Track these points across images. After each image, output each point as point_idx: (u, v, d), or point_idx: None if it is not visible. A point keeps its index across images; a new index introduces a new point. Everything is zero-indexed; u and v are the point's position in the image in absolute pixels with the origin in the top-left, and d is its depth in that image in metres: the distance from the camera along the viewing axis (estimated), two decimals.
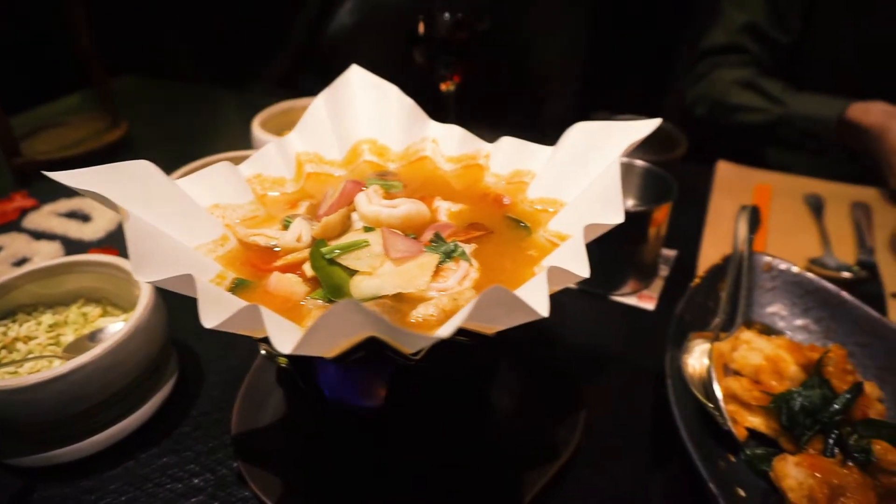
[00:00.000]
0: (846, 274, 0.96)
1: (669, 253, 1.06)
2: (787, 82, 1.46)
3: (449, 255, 0.58)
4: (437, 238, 0.60)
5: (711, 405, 0.67)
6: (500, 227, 0.65)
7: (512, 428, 0.71)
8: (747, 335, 0.76)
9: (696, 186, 1.28)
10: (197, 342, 0.87)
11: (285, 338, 0.42)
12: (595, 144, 0.63)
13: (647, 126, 0.61)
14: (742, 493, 0.63)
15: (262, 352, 0.76)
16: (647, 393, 0.78)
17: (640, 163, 0.98)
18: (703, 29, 1.61)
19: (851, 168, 1.34)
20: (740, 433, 0.68)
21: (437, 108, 0.78)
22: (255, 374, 0.77)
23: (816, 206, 1.18)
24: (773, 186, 1.26)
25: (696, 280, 0.81)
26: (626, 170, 0.99)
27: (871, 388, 0.71)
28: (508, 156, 0.72)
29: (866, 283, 0.96)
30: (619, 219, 0.55)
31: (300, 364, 0.63)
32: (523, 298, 0.42)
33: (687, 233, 1.12)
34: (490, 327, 0.49)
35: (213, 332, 0.45)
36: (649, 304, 0.94)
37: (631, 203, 0.98)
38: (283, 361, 0.67)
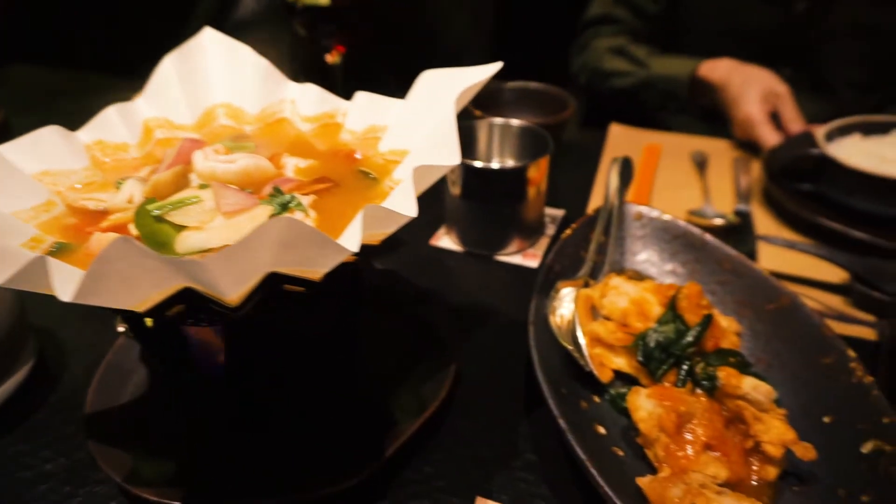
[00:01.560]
0: (718, 221, 0.99)
1: (557, 213, 1.07)
2: (653, 47, 1.51)
3: (284, 207, 0.56)
4: (276, 191, 0.58)
5: (572, 348, 0.68)
6: (348, 179, 0.64)
7: (380, 384, 0.70)
8: (616, 281, 0.77)
9: (591, 150, 1.30)
10: (61, 327, 0.83)
11: (68, 286, 0.39)
12: (439, 91, 0.62)
13: (487, 70, 0.61)
14: (602, 430, 0.64)
15: (119, 328, 0.73)
16: (523, 345, 0.78)
17: (516, 122, 0.98)
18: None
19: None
20: (606, 375, 0.69)
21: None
22: (117, 352, 0.74)
23: (701, 163, 1.22)
24: (662, 146, 1.29)
25: (568, 231, 0.82)
26: (504, 130, 0.99)
27: (728, 323, 0.73)
28: (364, 112, 0.71)
29: (739, 228, 0.99)
30: (455, 160, 0.54)
31: (143, 332, 0.60)
32: (327, 237, 0.41)
33: (578, 194, 1.14)
34: (310, 271, 0.48)
35: (80, 317, 0.42)
36: (533, 262, 0.95)
37: (511, 163, 0.98)
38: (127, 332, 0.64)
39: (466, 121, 1.00)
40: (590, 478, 0.53)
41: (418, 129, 0.63)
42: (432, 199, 1.07)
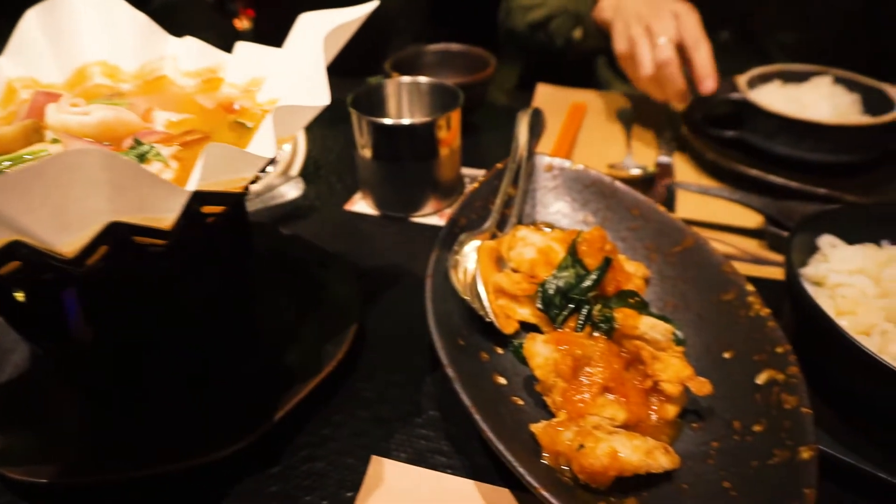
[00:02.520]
0: (635, 171, 0.97)
1: (478, 172, 1.05)
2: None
3: (142, 158, 0.52)
4: (136, 143, 0.54)
5: (470, 299, 0.66)
6: (222, 131, 0.60)
7: (275, 346, 0.67)
8: (523, 232, 0.75)
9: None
10: None
11: None
12: (313, 34, 0.59)
13: (360, 10, 0.58)
14: (502, 380, 0.62)
15: None
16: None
17: (425, 80, 0.95)
18: None
19: None
20: (510, 326, 0.67)
21: None
22: None
23: (627, 118, 1.20)
24: (588, 104, 1.27)
25: (475, 185, 0.79)
26: (413, 88, 0.96)
27: (636, 268, 0.72)
28: (245, 64, 0.67)
29: (660, 178, 0.98)
30: (324, 101, 0.51)
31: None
32: (154, 175, 0.38)
33: (502, 155, 1.11)
34: (155, 219, 0.44)
35: None
36: None
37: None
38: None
39: (376, 81, 0.97)
40: (475, 424, 0.51)
41: (293, 74, 0.60)
42: (351, 164, 1.04)
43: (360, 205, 0.97)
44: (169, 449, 0.56)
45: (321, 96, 0.52)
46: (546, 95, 1.32)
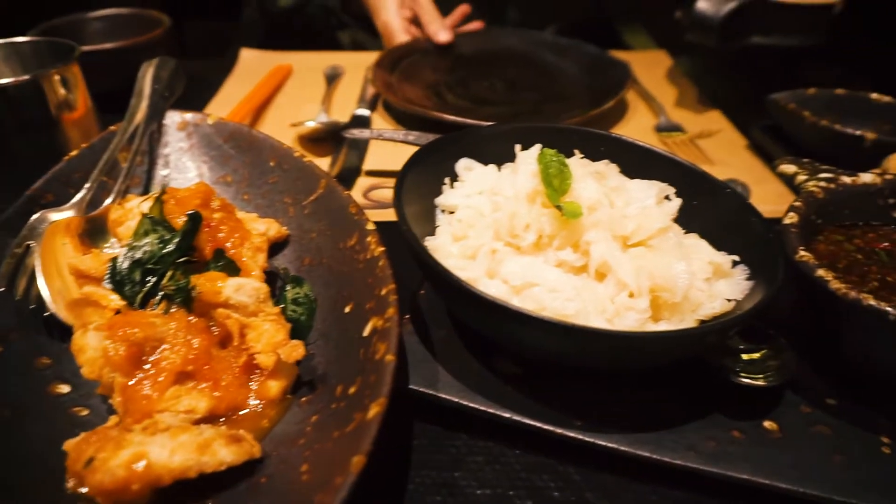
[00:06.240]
0: (311, 125, 0.86)
1: None
2: None
3: None
4: None
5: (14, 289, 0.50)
6: None
7: None
8: (134, 202, 0.61)
9: (218, 78, 1.12)
10: None
11: None
12: None
13: None
14: (65, 388, 0.48)
15: None
16: None
17: (24, 39, 0.77)
18: None
19: None
20: (95, 316, 0.52)
21: None
22: None
23: (332, 77, 1.10)
24: (295, 65, 1.16)
25: (74, 152, 0.64)
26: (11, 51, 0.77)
27: (267, 225, 0.60)
28: None
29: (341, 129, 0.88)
30: None
31: None
32: None
33: None
34: None
35: None
36: None
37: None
38: None
39: None
40: None
41: None
42: None
43: None
44: None
45: None
46: (251, 59, 1.18)
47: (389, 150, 0.86)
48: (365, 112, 0.97)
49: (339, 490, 0.35)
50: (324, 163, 0.84)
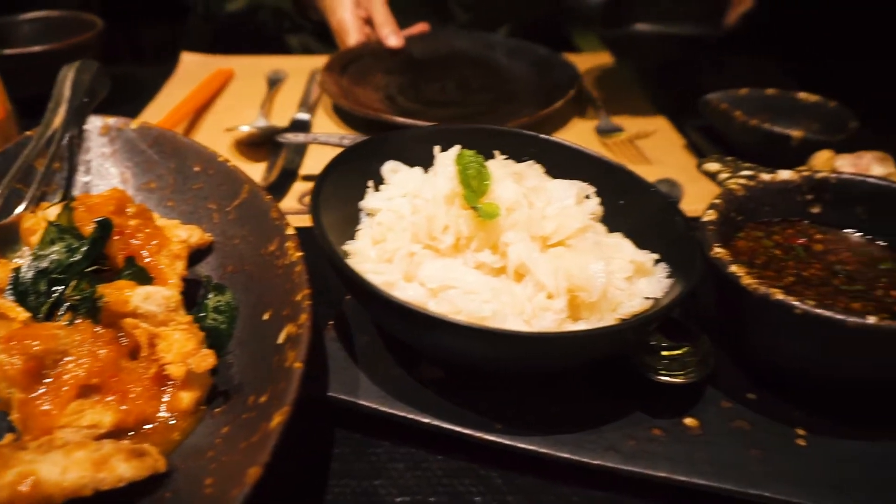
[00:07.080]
0: (245, 129, 0.85)
1: None
2: None
3: None
4: None
5: None
6: None
7: None
8: (52, 211, 0.59)
9: (156, 84, 1.09)
10: None
11: None
12: None
13: None
14: None
15: None
16: None
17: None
18: None
19: None
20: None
21: None
22: None
23: (274, 81, 1.09)
24: (238, 70, 1.14)
25: None
26: None
27: (189, 232, 0.59)
28: None
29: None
30: None
31: None
32: None
33: None
34: None
35: None
36: None
37: None
38: None
39: None
40: None
41: None
42: None
43: None
44: None
45: None
46: (192, 63, 1.15)
47: (329, 154, 0.84)
48: (305, 116, 0.95)
49: (234, 503, 0.34)
50: (261, 168, 0.83)
